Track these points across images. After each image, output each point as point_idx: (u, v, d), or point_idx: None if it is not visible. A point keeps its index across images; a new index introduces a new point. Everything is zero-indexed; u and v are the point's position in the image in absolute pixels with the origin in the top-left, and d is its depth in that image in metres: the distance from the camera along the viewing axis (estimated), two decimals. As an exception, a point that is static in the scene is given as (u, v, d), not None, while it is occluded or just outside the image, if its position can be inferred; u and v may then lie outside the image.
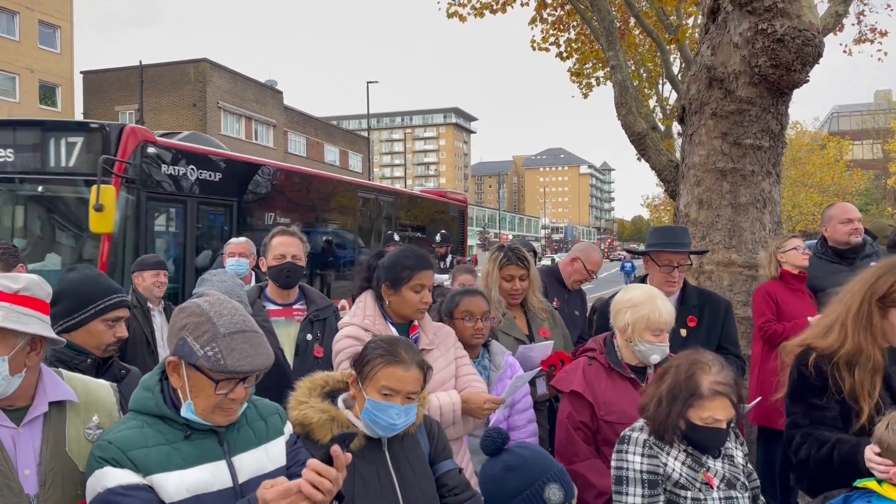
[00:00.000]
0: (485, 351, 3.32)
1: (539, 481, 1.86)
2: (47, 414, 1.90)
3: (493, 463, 1.92)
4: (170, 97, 35.67)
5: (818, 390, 2.49)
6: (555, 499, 1.85)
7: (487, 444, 1.94)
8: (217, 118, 36.57)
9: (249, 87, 39.65)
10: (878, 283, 2.47)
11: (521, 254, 3.88)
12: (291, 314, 3.80)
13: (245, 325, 1.89)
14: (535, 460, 1.92)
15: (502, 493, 1.87)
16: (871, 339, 2.44)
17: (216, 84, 36.65)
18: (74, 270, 2.73)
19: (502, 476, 1.89)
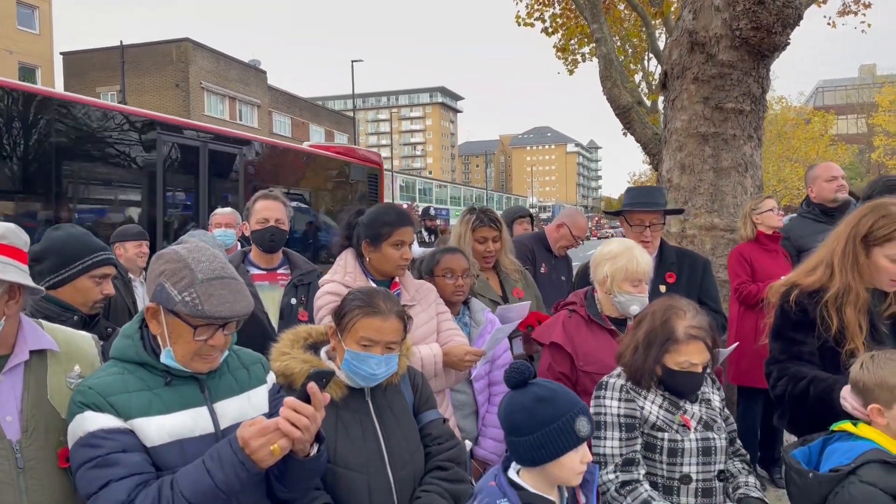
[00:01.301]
0: (465, 308, 3.35)
1: (570, 413, 1.89)
2: (28, 362, 1.91)
3: (523, 394, 1.95)
4: (152, 78, 35.27)
5: (799, 325, 2.53)
6: (584, 431, 1.90)
7: (514, 376, 1.97)
8: (200, 99, 36.22)
9: (233, 67, 39.24)
10: (860, 223, 2.52)
11: (493, 215, 3.92)
12: (276, 278, 3.81)
13: (223, 271, 1.89)
14: (564, 393, 1.96)
15: (532, 423, 1.89)
16: (859, 278, 2.48)
17: (199, 64, 36.26)
18: (59, 229, 2.73)
19: (532, 406, 1.90)
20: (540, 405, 1.91)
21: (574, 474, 1.93)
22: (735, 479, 2.49)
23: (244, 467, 1.72)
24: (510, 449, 1.98)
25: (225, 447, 1.74)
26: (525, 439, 1.91)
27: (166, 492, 1.72)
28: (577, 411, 1.91)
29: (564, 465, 1.90)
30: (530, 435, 1.90)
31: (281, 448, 1.74)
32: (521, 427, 1.92)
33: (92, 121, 7.84)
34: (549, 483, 1.96)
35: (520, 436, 1.92)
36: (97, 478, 1.74)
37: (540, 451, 1.89)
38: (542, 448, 1.89)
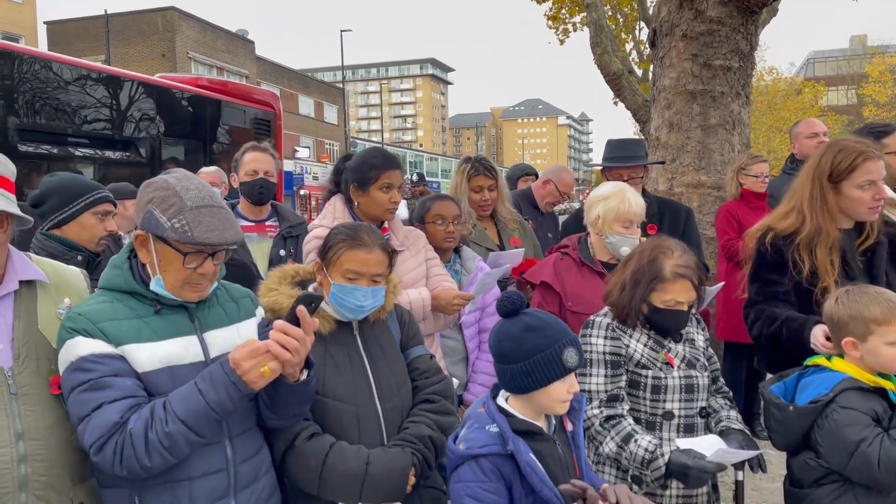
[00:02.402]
0: (456, 256, 3.37)
1: (559, 343, 1.91)
2: (18, 293, 1.92)
3: (513, 323, 1.97)
4: (137, 47, 34.74)
5: (774, 266, 2.58)
6: (572, 362, 1.92)
7: (506, 305, 1.98)
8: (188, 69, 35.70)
9: (220, 37, 38.70)
10: (821, 163, 2.56)
11: (488, 164, 3.92)
12: (264, 230, 3.82)
13: (212, 200, 1.91)
14: (554, 324, 1.97)
15: (520, 351, 1.91)
16: (829, 218, 2.52)
17: (185, 34, 35.72)
18: (55, 175, 2.76)
19: (522, 335, 1.92)
20: (529, 334, 1.93)
21: (560, 403, 1.96)
22: (717, 414, 2.55)
23: (236, 388, 1.75)
24: (499, 376, 2.02)
25: (217, 369, 1.77)
26: (513, 367, 1.93)
27: (159, 412, 1.75)
28: (566, 342, 1.93)
29: (551, 395, 1.93)
30: (518, 363, 1.92)
31: (271, 370, 1.76)
32: (509, 355, 1.94)
33: None
34: (536, 411, 1.99)
35: (508, 363, 1.95)
36: (90, 400, 1.76)
37: (527, 379, 1.92)
38: (529, 376, 1.91)
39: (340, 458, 2.10)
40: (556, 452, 1.99)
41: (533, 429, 1.96)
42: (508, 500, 1.89)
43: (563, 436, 2.06)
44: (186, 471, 1.85)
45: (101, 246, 2.62)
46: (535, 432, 1.96)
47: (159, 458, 1.75)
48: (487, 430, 1.93)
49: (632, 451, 2.34)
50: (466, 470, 1.90)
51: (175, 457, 1.77)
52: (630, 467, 2.37)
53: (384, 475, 2.11)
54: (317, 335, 2.19)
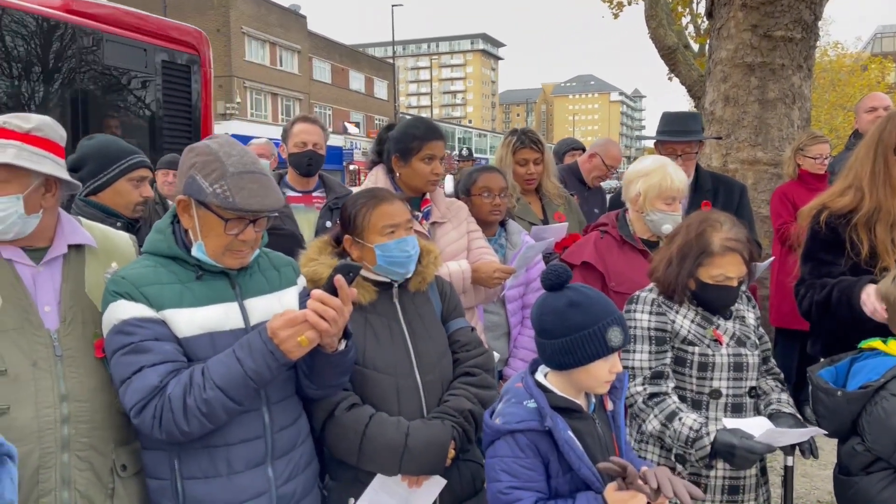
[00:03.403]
0: (502, 229, 3.32)
1: (603, 321, 1.84)
2: (66, 256, 1.95)
3: (557, 297, 1.89)
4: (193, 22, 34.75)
5: (828, 245, 2.47)
6: (616, 341, 1.84)
7: (550, 278, 1.91)
8: (241, 44, 36.17)
9: (273, 12, 38.98)
10: (883, 136, 2.42)
11: (535, 137, 3.83)
12: (311, 201, 3.84)
13: (254, 166, 1.90)
14: (599, 301, 1.90)
15: (563, 327, 1.84)
16: (892, 193, 2.39)
17: (239, 9, 36.09)
18: (92, 138, 2.78)
19: (565, 310, 1.85)
20: (572, 310, 1.87)
21: (601, 383, 1.90)
22: (767, 396, 2.46)
23: (273, 357, 1.75)
24: (539, 350, 1.97)
25: (255, 337, 1.78)
26: (554, 342, 1.88)
27: (197, 378, 1.77)
28: (611, 320, 1.86)
29: (592, 373, 1.88)
30: (560, 339, 1.86)
31: (309, 339, 1.76)
32: (551, 330, 1.88)
33: None
34: (576, 388, 1.94)
35: (549, 338, 1.89)
36: (131, 363, 1.79)
37: (568, 356, 1.86)
38: (570, 353, 1.86)
39: (380, 430, 2.09)
40: (595, 431, 1.94)
41: (572, 406, 1.91)
42: (545, 477, 1.85)
43: (602, 415, 2.01)
44: (224, 437, 1.87)
45: (138, 212, 2.65)
46: (573, 410, 1.91)
47: (197, 423, 1.77)
48: (525, 406, 1.89)
49: (676, 429, 2.27)
50: (503, 445, 1.87)
51: (212, 423, 1.79)
52: (674, 446, 2.31)
53: (424, 448, 2.10)
54: (357, 305, 2.18)
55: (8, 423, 1.76)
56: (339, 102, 45.64)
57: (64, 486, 1.81)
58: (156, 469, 1.91)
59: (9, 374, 1.78)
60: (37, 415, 1.79)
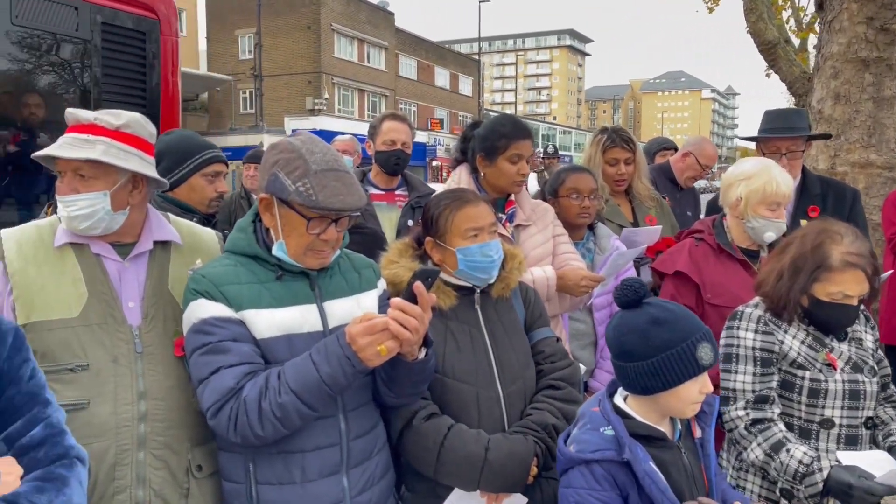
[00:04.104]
0: (590, 233, 3.17)
1: (691, 338, 1.68)
2: (152, 252, 1.95)
3: (636, 315, 1.74)
4: (285, 20, 36.22)
5: None
6: (706, 359, 1.69)
7: (626, 294, 1.76)
8: (330, 41, 36.91)
9: (362, 9, 39.58)
10: None
11: (627, 135, 3.64)
12: (393, 199, 3.80)
13: (337, 164, 1.84)
14: (684, 316, 1.74)
15: (647, 347, 1.69)
16: None
17: (329, 6, 36.82)
18: (171, 133, 2.81)
19: (647, 329, 1.70)
20: (656, 328, 1.71)
21: (690, 405, 1.73)
22: (886, 427, 2.22)
23: (350, 363, 1.68)
24: (618, 374, 1.81)
25: (332, 342, 1.72)
26: (637, 365, 1.72)
27: (273, 381, 1.72)
28: (699, 336, 1.70)
29: (681, 396, 1.71)
30: (644, 361, 1.70)
31: (388, 349, 1.68)
32: (632, 351, 1.72)
33: None
34: (660, 413, 1.78)
35: (630, 361, 1.73)
36: (208, 363, 1.76)
37: (654, 379, 1.70)
38: (656, 376, 1.69)
39: (459, 442, 2.00)
40: (681, 461, 1.77)
41: (655, 434, 1.75)
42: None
43: (690, 443, 1.84)
44: (300, 443, 1.82)
45: (213, 207, 2.65)
46: (657, 437, 1.75)
47: (271, 427, 1.72)
48: (602, 433, 1.74)
49: (783, 461, 2.08)
50: (577, 475, 1.72)
51: (287, 428, 1.74)
52: (779, 479, 2.11)
53: (504, 462, 2.00)
54: (437, 311, 2.10)
55: (87, 418, 1.76)
56: (424, 99, 45.94)
57: (139, 483, 1.81)
58: (231, 471, 1.88)
59: (91, 369, 1.79)
60: (115, 411, 1.79)
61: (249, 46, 35.99)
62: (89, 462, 1.72)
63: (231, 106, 36.66)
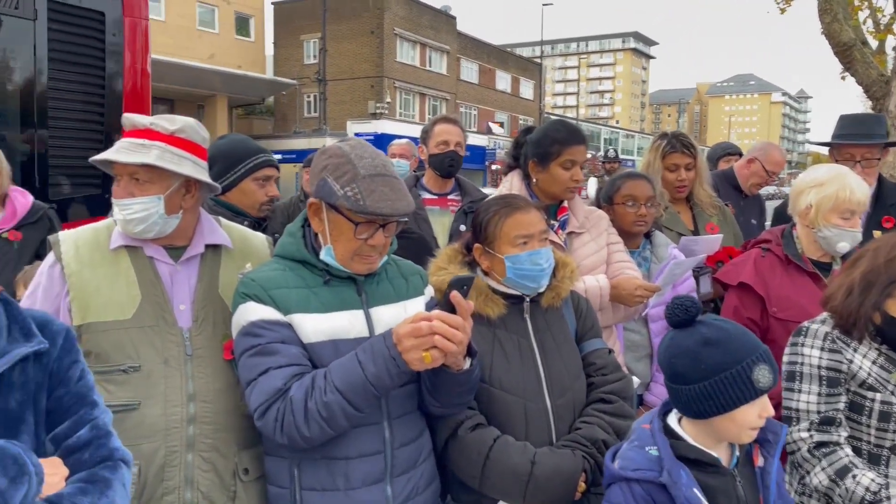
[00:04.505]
0: (646, 241, 3.07)
1: (747, 360, 1.60)
2: (203, 255, 1.98)
3: (687, 335, 1.68)
4: (349, 25, 36.77)
5: None
6: (764, 382, 1.60)
7: (677, 314, 1.69)
8: (393, 45, 37.28)
9: (424, 14, 39.85)
10: None
11: (687, 140, 3.53)
12: (446, 204, 3.77)
13: (386, 169, 1.83)
14: (739, 335, 1.66)
15: (699, 370, 1.62)
16: None
17: (393, 10, 37.20)
18: (224, 137, 2.86)
19: (699, 350, 1.63)
20: (709, 349, 1.63)
21: (747, 431, 1.64)
22: (964, 455, 2.07)
23: (395, 363, 1.67)
24: (672, 397, 1.73)
25: (379, 341, 1.71)
26: (689, 388, 1.64)
27: (320, 381, 1.73)
28: (755, 357, 1.61)
29: (736, 420, 1.62)
30: (696, 384, 1.63)
31: (433, 357, 1.66)
32: (684, 374, 1.65)
33: None
34: (714, 437, 1.69)
35: (682, 384, 1.66)
36: (257, 365, 1.77)
37: (707, 403, 1.62)
38: (709, 399, 1.61)
39: (504, 454, 1.96)
40: (735, 491, 1.67)
41: (705, 458, 1.66)
42: None
43: (748, 471, 1.73)
44: (344, 450, 1.81)
45: (264, 211, 2.68)
46: (707, 463, 1.66)
47: (317, 428, 1.71)
48: (647, 452, 1.68)
49: (849, 488, 1.95)
50: (617, 491, 1.67)
51: (333, 428, 1.73)
52: (844, 507, 1.99)
53: (550, 477, 1.94)
54: (485, 320, 2.07)
55: (138, 418, 1.79)
56: (485, 102, 45.91)
57: (187, 485, 1.83)
58: (277, 476, 1.89)
59: (142, 371, 1.82)
60: (165, 412, 1.81)
61: (314, 51, 36.67)
62: (139, 463, 1.76)
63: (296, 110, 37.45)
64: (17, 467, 1.28)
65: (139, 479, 1.77)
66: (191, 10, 31.98)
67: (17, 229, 3.31)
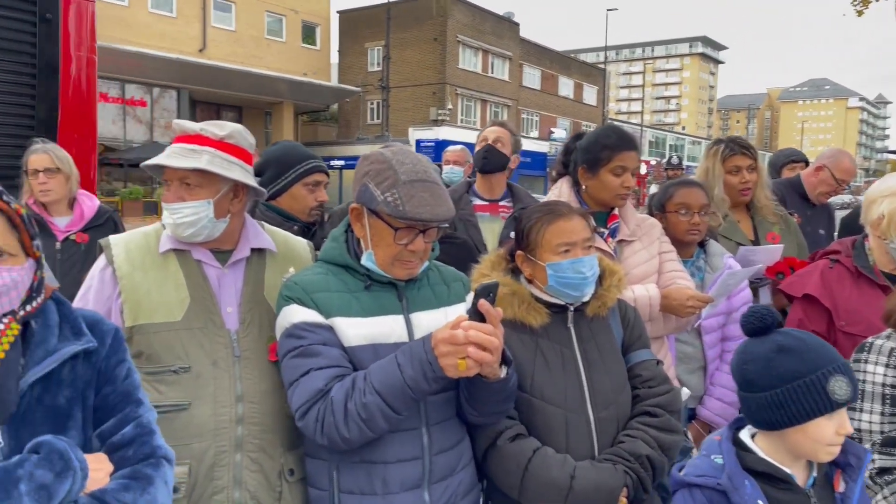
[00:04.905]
0: (700, 251, 2.98)
1: (823, 369, 1.55)
2: (249, 259, 2.02)
3: (762, 342, 1.64)
4: (412, 32, 37.17)
5: None
6: (841, 394, 1.53)
7: (752, 322, 1.66)
8: (455, 52, 37.49)
9: (487, 20, 39.94)
10: None
11: (745, 142, 3.42)
12: (497, 210, 3.75)
13: (426, 175, 1.84)
14: (815, 345, 1.61)
15: (770, 377, 1.58)
16: None
17: (456, 18, 37.42)
18: (277, 143, 2.93)
19: (772, 356, 1.59)
20: (782, 356, 1.58)
21: (823, 448, 1.57)
22: None
23: (431, 368, 1.67)
24: (742, 407, 1.68)
25: (418, 345, 1.71)
26: (760, 396, 1.59)
27: (359, 383, 1.74)
28: (833, 368, 1.55)
29: (810, 434, 1.56)
30: (767, 392, 1.57)
31: (468, 366, 1.65)
32: (754, 381, 1.60)
33: None
34: (790, 454, 1.62)
35: (753, 391, 1.61)
36: (299, 366, 1.80)
37: (778, 412, 1.56)
38: (780, 408, 1.56)
39: (543, 466, 1.92)
40: None
41: (776, 473, 1.60)
42: None
43: (826, 494, 1.65)
44: (382, 454, 1.82)
45: (313, 216, 2.73)
46: (779, 478, 1.60)
47: (357, 429, 1.72)
48: (712, 460, 1.65)
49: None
50: (679, 498, 1.66)
51: (371, 430, 1.73)
52: (906, 535, 1.88)
53: (590, 492, 1.90)
54: (528, 329, 2.04)
55: (188, 419, 1.83)
56: (547, 108, 45.65)
57: (236, 485, 1.86)
58: (317, 478, 1.91)
59: (192, 371, 1.86)
60: (214, 413, 1.85)
61: (378, 58, 37.22)
62: (189, 462, 1.80)
63: (359, 116, 38.05)
64: (63, 462, 1.33)
65: (189, 479, 1.81)
66: (259, 19, 32.90)
67: (84, 231, 3.45)
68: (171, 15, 29.35)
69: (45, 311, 1.48)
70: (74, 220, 3.49)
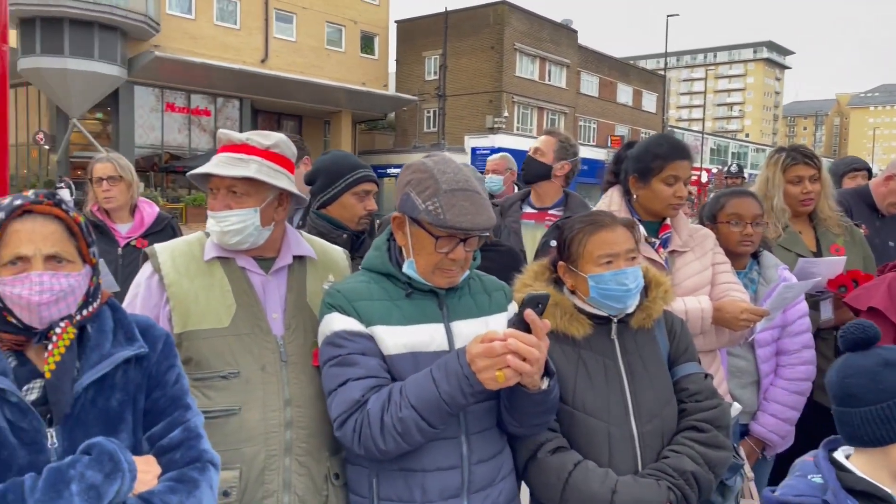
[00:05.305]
0: (753, 262, 2.89)
1: None
2: (291, 266, 2.06)
3: (864, 356, 1.61)
4: (469, 41, 37.27)
5: None
6: None
7: (854, 334, 1.63)
8: (512, 60, 37.41)
9: (545, 28, 39.75)
10: None
11: (808, 151, 3.28)
12: (543, 218, 3.73)
13: (468, 184, 1.84)
14: None
15: (877, 390, 1.56)
16: None
17: (513, 26, 37.36)
18: (328, 153, 2.98)
19: (878, 370, 1.57)
20: (889, 370, 1.55)
21: None
22: None
23: (468, 382, 1.66)
24: (840, 423, 1.64)
25: (453, 359, 1.70)
26: (864, 411, 1.56)
27: (395, 396, 1.74)
28: None
29: None
30: (872, 406, 1.55)
31: (507, 377, 1.64)
32: (858, 395, 1.57)
33: None
34: (891, 472, 1.57)
35: (856, 406, 1.57)
36: (337, 375, 1.81)
37: (884, 427, 1.54)
38: (886, 423, 1.53)
39: (583, 480, 1.89)
40: None
41: (877, 493, 1.54)
42: None
43: None
44: (421, 462, 1.82)
45: (362, 225, 2.76)
46: (878, 497, 1.54)
47: (393, 442, 1.73)
48: (809, 480, 1.61)
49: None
50: None
51: (408, 443, 1.74)
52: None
53: None
54: (570, 340, 2.02)
55: (239, 423, 1.87)
56: (605, 116, 45.11)
57: (285, 489, 1.88)
58: (357, 484, 1.92)
59: (241, 377, 1.89)
60: (264, 417, 1.88)
61: (435, 67, 37.46)
62: (240, 466, 1.83)
63: (416, 124, 38.35)
64: (112, 464, 1.38)
65: (240, 483, 1.84)
66: (320, 30, 33.52)
67: (144, 237, 3.58)
68: (235, 27, 30.19)
69: (101, 316, 1.54)
70: (135, 226, 3.62)
